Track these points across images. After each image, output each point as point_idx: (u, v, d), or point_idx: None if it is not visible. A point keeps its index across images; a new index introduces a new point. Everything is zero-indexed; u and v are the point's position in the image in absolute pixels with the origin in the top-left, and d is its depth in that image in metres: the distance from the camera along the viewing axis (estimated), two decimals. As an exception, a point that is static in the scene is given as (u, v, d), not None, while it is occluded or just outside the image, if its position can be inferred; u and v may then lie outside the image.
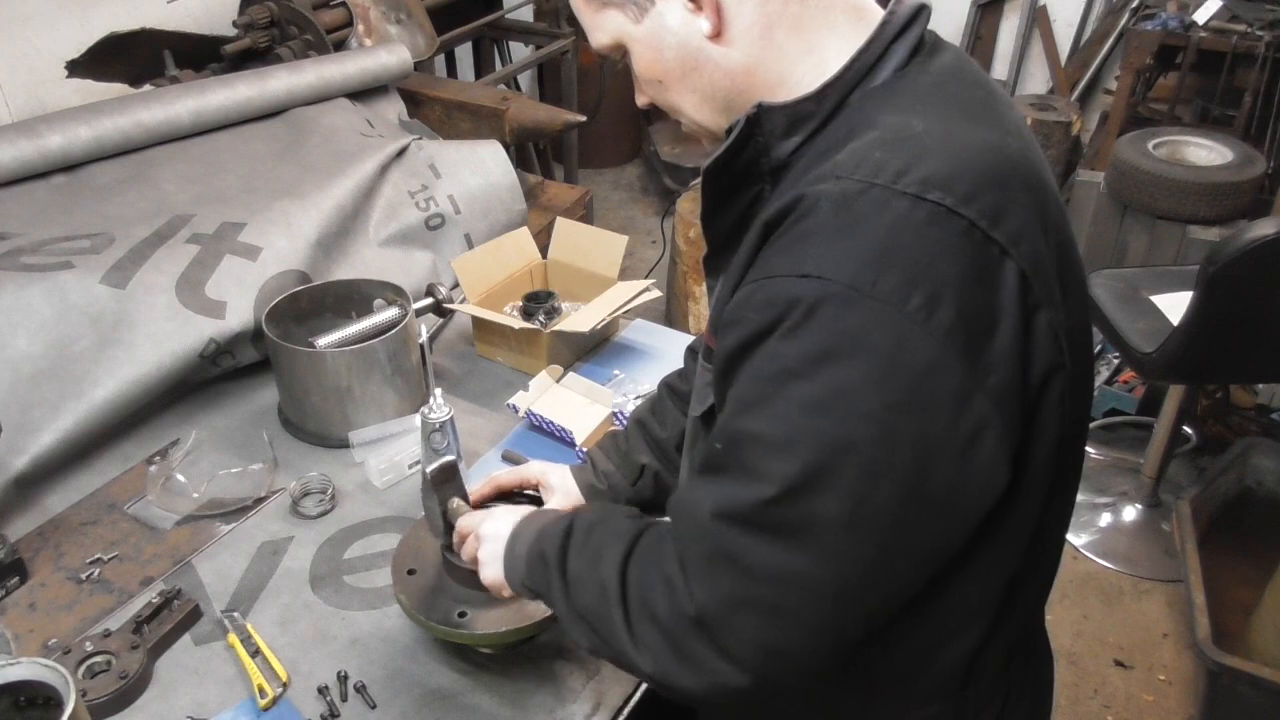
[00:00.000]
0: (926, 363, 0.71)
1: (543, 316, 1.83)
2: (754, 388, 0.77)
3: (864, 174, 0.75)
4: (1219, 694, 2.19)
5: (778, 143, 0.85)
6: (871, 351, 0.71)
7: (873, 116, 0.81)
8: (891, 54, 0.84)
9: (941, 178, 0.74)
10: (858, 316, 0.71)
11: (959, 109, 0.82)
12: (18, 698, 0.98)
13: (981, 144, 0.78)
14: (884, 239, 0.72)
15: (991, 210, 0.74)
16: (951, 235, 0.73)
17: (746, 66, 0.85)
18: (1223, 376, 2.81)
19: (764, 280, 0.76)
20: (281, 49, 2.41)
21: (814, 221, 0.75)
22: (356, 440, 1.57)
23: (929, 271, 0.72)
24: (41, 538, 1.44)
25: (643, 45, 0.87)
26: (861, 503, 0.74)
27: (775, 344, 0.75)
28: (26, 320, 1.52)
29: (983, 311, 0.73)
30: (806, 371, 0.73)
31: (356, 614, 1.32)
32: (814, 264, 0.73)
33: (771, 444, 0.75)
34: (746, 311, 0.78)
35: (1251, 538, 2.61)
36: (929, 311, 0.71)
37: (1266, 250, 1.99)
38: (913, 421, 0.72)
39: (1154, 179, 3.19)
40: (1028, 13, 4.58)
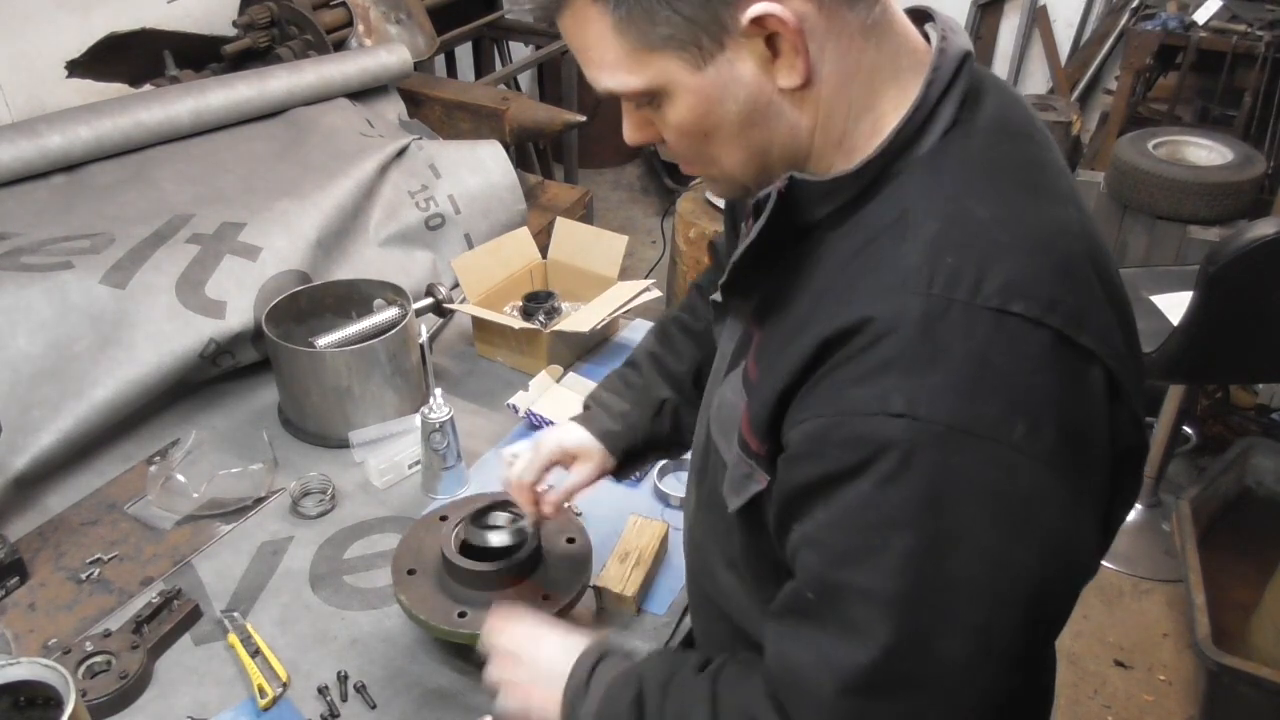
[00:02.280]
0: (1037, 489, 0.68)
1: (543, 316, 1.83)
2: (850, 537, 0.71)
3: (941, 288, 0.68)
4: (1219, 694, 2.19)
5: (813, 208, 0.78)
6: (982, 491, 0.67)
7: (925, 198, 0.73)
8: (939, 114, 0.76)
9: (1021, 282, 0.69)
10: (963, 458, 0.67)
11: (1016, 180, 0.75)
12: (18, 698, 0.98)
13: (1050, 225, 0.73)
14: (975, 366, 0.67)
15: (1075, 313, 0.70)
16: (1042, 349, 0.68)
17: (814, 124, 0.76)
18: (1223, 376, 2.81)
19: (845, 416, 0.70)
20: (281, 49, 2.41)
21: (895, 349, 0.68)
22: (356, 440, 1.57)
23: (1026, 394, 0.67)
24: (41, 538, 1.44)
25: (698, 96, 0.75)
26: (989, 637, 0.70)
27: (870, 491, 0.68)
28: (26, 320, 1.52)
29: (1081, 421, 0.70)
30: (912, 521, 0.68)
31: (356, 614, 1.32)
32: (903, 401, 0.67)
33: (884, 599, 0.69)
34: (826, 448, 0.71)
35: (1251, 538, 2.61)
36: (1033, 437, 0.67)
37: (1266, 250, 1.99)
38: (1029, 546, 0.69)
39: (1154, 179, 3.18)
40: (1028, 13, 4.58)
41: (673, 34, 0.72)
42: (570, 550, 1.26)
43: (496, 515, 1.28)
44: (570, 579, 1.23)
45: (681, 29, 0.72)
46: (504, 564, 1.20)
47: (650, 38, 0.73)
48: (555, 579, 1.22)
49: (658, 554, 1.37)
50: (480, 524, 1.24)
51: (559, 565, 1.24)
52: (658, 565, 1.38)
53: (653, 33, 0.72)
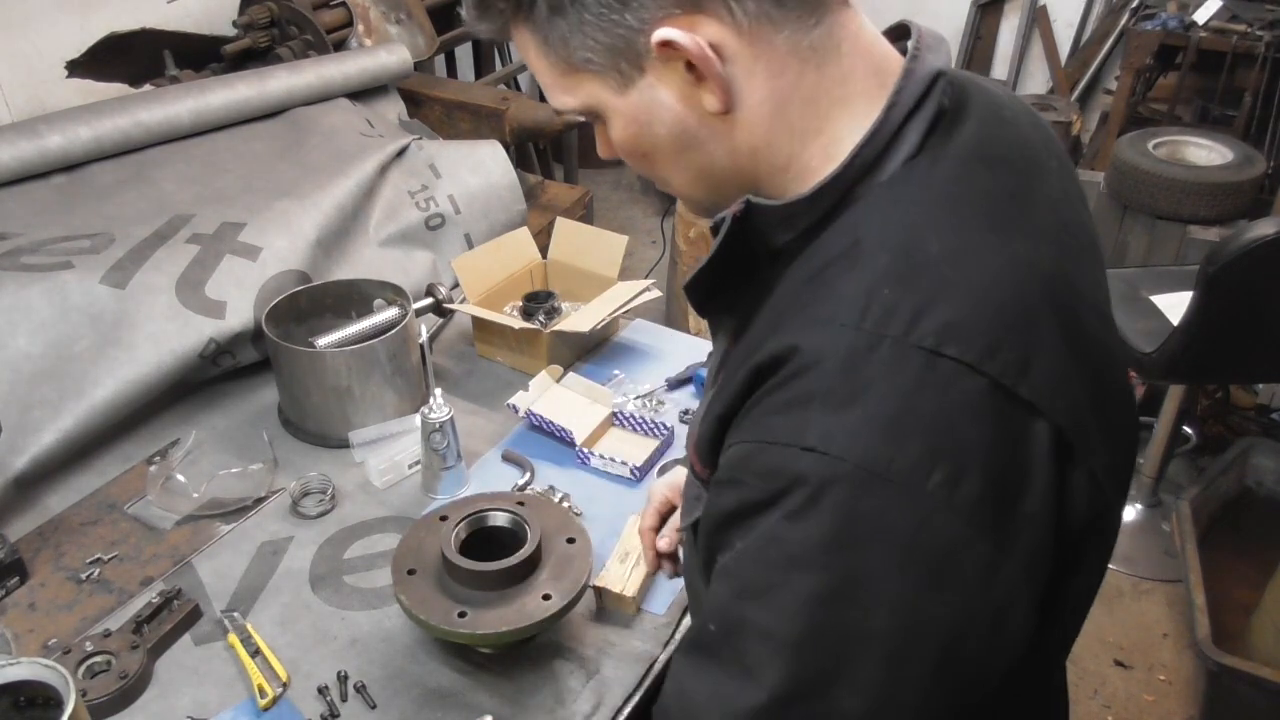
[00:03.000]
0: (951, 542, 0.64)
1: (543, 316, 1.83)
2: (754, 572, 0.68)
3: (873, 323, 0.65)
4: (1219, 694, 2.19)
5: (774, 234, 0.76)
6: (889, 537, 0.64)
7: (880, 228, 0.70)
8: (903, 139, 0.72)
9: (960, 325, 0.65)
10: (873, 501, 0.63)
11: (981, 211, 0.71)
12: (18, 698, 0.98)
13: (1008, 266, 0.68)
14: (898, 407, 0.63)
15: (1018, 363, 0.65)
16: (973, 397, 0.64)
17: (752, 147, 0.74)
18: (1223, 376, 2.81)
19: (764, 444, 0.67)
20: (281, 49, 2.41)
21: (817, 382, 0.65)
22: (356, 440, 1.57)
23: (950, 441, 0.63)
24: (41, 538, 1.44)
25: (626, 119, 0.75)
26: (886, 691, 0.66)
27: (778, 526, 0.66)
28: (26, 320, 1.52)
29: (1011, 476, 0.65)
30: (816, 561, 0.65)
31: (356, 614, 1.32)
32: (819, 437, 0.64)
33: (777, 639, 0.66)
34: (744, 475, 0.69)
35: (1251, 538, 2.61)
36: (952, 487, 0.63)
37: (1266, 250, 1.99)
38: (938, 603, 0.65)
39: (1154, 179, 3.18)
40: (1028, 13, 4.58)
41: (591, 58, 0.72)
42: (570, 550, 1.26)
43: (496, 515, 1.28)
44: (570, 579, 1.23)
45: (599, 54, 0.71)
46: (504, 564, 1.20)
47: (574, 61, 0.73)
48: (555, 579, 1.22)
49: (658, 554, 1.37)
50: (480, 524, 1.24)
51: (559, 565, 1.24)
52: (658, 565, 1.38)
53: (574, 56, 0.72)
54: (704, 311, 0.84)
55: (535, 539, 1.23)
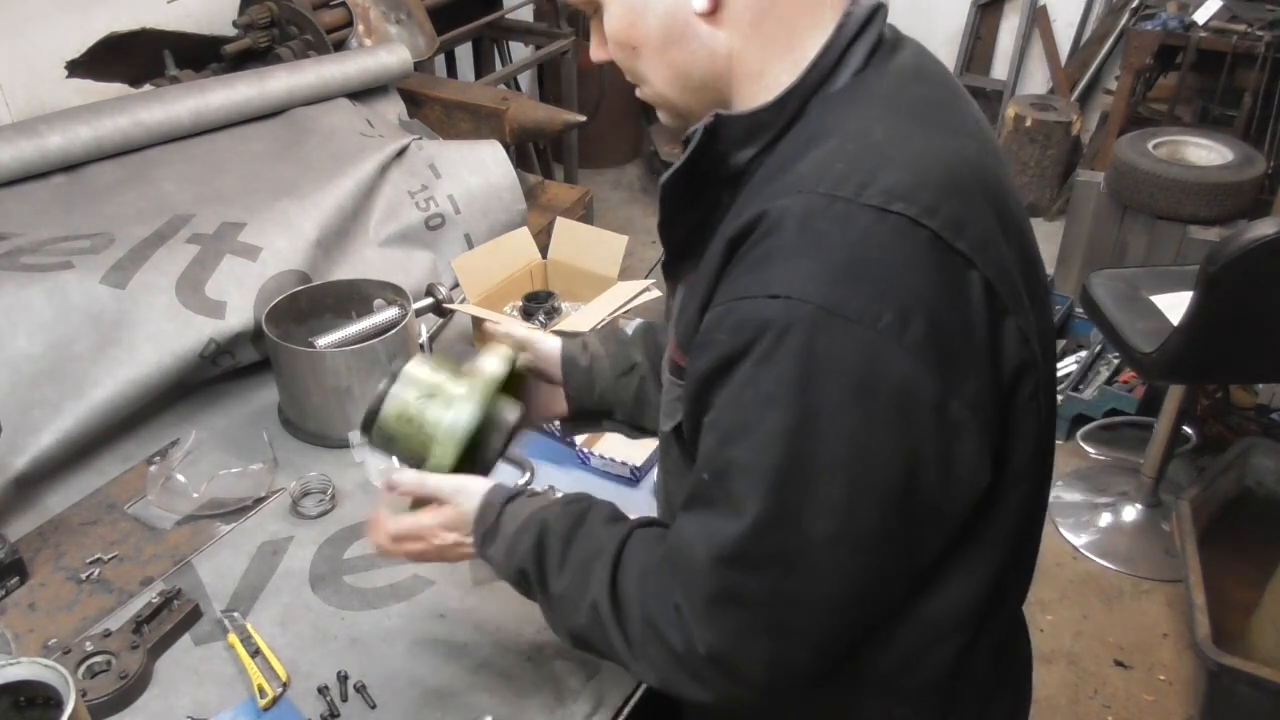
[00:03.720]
0: (902, 377, 0.72)
1: (543, 316, 1.83)
2: (734, 416, 0.77)
3: (827, 187, 0.74)
4: (1219, 694, 2.19)
5: (735, 151, 0.84)
6: (847, 372, 0.72)
7: (832, 124, 0.80)
8: (850, 56, 0.82)
9: (904, 188, 0.74)
10: (831, 339, 0.71)
11: (918, 113, 0.81)
12: (18, 698, 0.98)
13: (941, 150, 0.78)
14: (851, 255, 0.72)
15: (954, 220, 0.74)
16: (917, 247, 0.73)
17: (731, 51, 0.82)
18: (1223, 376, 2.81)
19: (734, 302, 0.76)
20: (281, 49, 2.41)
21: (780, 239, 0.74)
22: (356, 440, 1.57)
23: (898, 286, 0.72)
24: (41, 538, 1.44)
25: (623, 7, 0.84)
26: (850, 519, 0.75)
27: (750, 370, 0.75)
28: (26, 320, 1.52)
29: (954, 320, 0.74)
30: (784, 397, 0.73)
31: (356, 614, 1.32)
32: (782, 284, 0.73)
33: (757, 473, 0.75)
34: (718, 334, 0.77)
35: (1251, 538, 2.61)
36: (901, 327, 0.71)
37: (1266, 250, 1.99)
38: (893, 436, 0.73)
39: (1154, 179, 3.19)
40: (1028, 13, 4.58)
41: None
42: None
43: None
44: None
45: None
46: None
47: None
48: None
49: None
50: None
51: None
52: (658, 565, 1.37)
53: None
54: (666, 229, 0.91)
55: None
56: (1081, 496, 3.00)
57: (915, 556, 0.81)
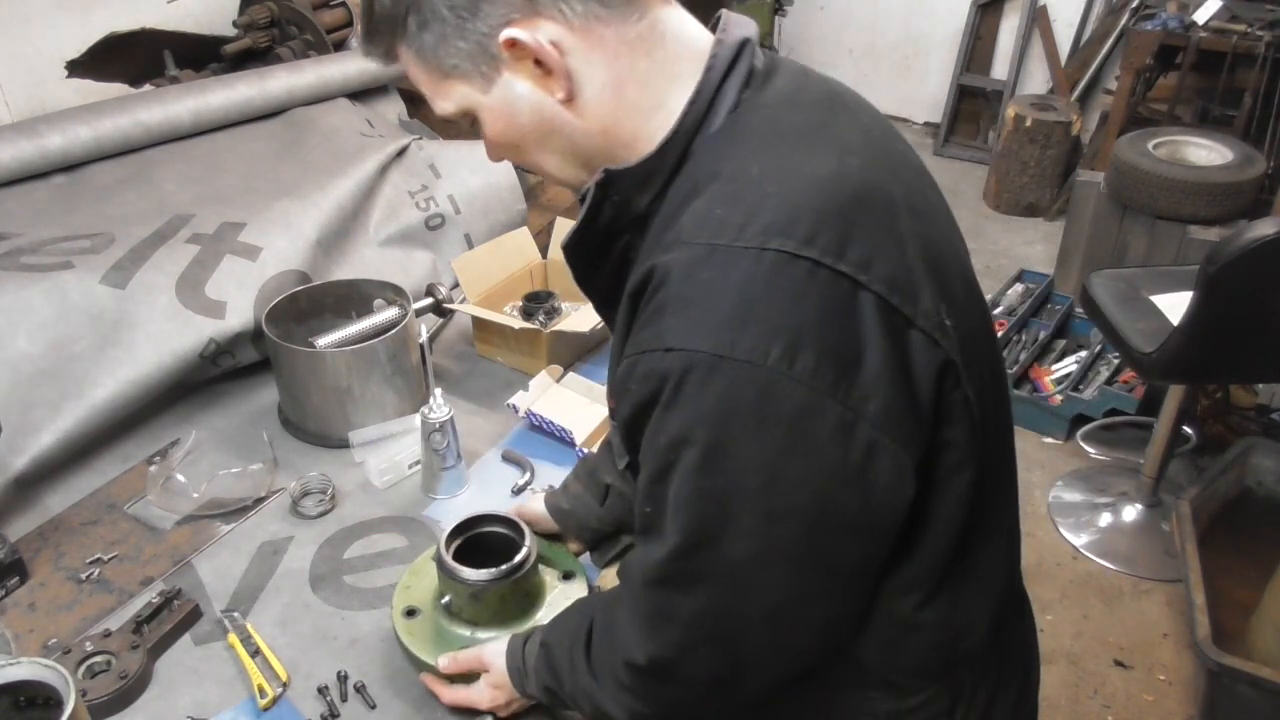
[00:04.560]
0: (797, 407, 0.75)
1: (543, 316, 1.83)
2: (653, 459, 0.82)
3: (707, 236, 0.78)
4: (1219, 694, 2.19)
5: (634, 198, 0.87)
6: (743, 409, 0.75)
7: (711, 167, 0.83)
8: (723, 95, 0.85)
9: (780, 223, 0.76)
10: (724, 380, 0.75)
11: (795, 140, 0.83)
12: (18, 698, 0.98)
13: (817, 175, 0.80)
14: (735, 299, 0.75)
15: (835, 244, 0.76)
16: (798, 279, 0.75)
17: (602, 127, 0.86)
18: (1223, 376, 2.81)
19: (637, 355, 0.80)
20: (281, 49, 2.41)
21: (667, 293, 0.78)
22: (356, 440, 1.57)
23: (783, 321, 0.75)
24: (41, 538, 1.44)
25: (494, 113, 0.87)
26: (768, 540, 0.80)
27: (659, 418, 0.80)
28: (26, 320, 1.52)
29: (845, 345, 0.76)
30: (689, 438, 0.78)
31: (356, 614, 1.32)
32: (674, 336, 0.77)
33: (676, 504, 0.81)
34: (629, 384, 0.82)
35: (1251, 538, 2.61)
36: (790, 359, 0.74)
37: (1266, 250, 1.99)
38: (799, 462, 0.77)
39: (1154, 179, 3.19)
40: (1028, 13, 4.58)
41: (457, 64, 0.85)
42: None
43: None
44: None
45: (462, 59, 0.84)
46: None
47: (444, 67, 0.85)
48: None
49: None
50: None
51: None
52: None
53: (444, 64, 0.85)
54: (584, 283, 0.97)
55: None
56: (1081, 496, 3.00)
57: (852, 570, 0.84)
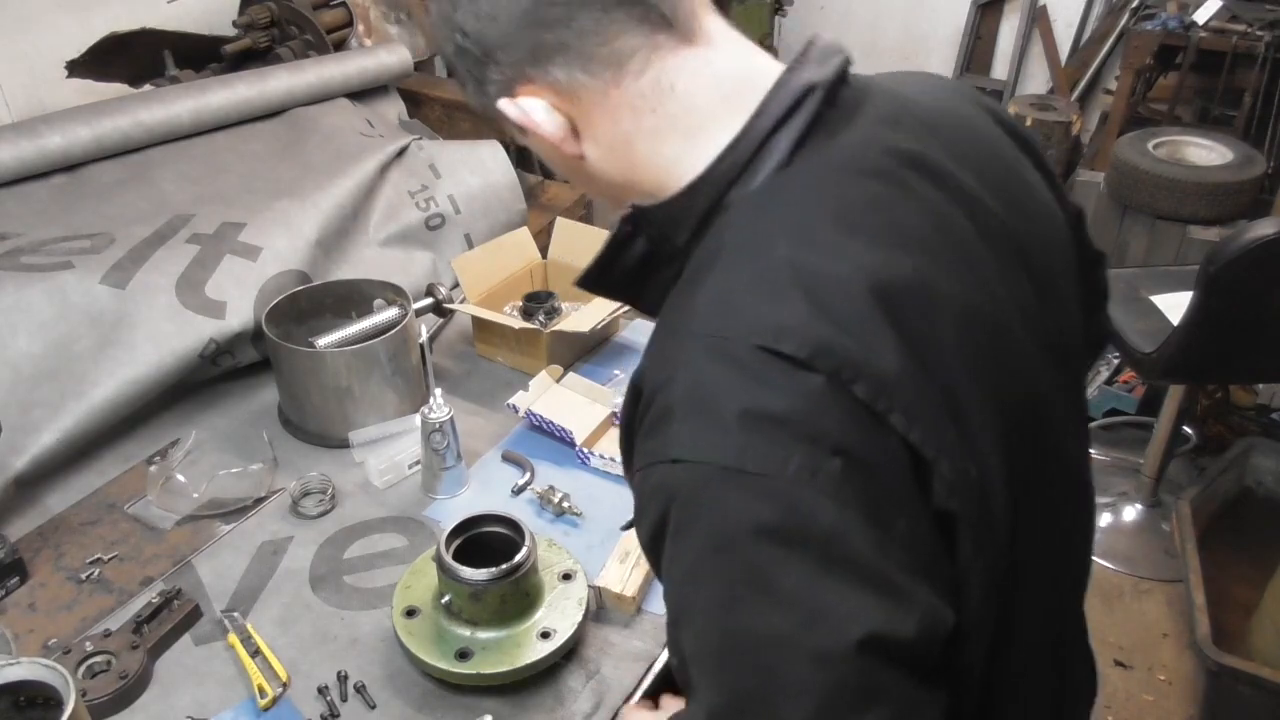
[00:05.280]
0: (829, 523, 0.64)
1: (543, 316, 1.83)
2: (672, 601, 0.71)
3: (716, 327, 0.69)
4: (1219, 694, 2.19)
5: (672, 233, 0.81)
6: (766, 531, 0.64)
7: (738, 233, 0.74)
8: (771, 148, 0.75)
9: (795, 326, 0.67)
10: (740, 496, 0.65)
11: (839, 219, 0.73)
12: (18, 698, 0.98)
13: (852, 272, 0.70)
14: (746, 403, 0.66)
15: (851, 362, 0.66)
16: (815, 389, 0.66)
17: (622, 181, 0.83)
18: (1223, 376, 2.81)
19: (645, 468, 0.70)
20: (281, 49, 2.40)
21: (672, 394, 0.69)
22: (356, 440, 1.57)
23: (801, 429, 0.65)
24: (41, 538, 1.44)
25: (535, 147, 0.87)
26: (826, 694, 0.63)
27: (671, 548, 0.68)
28: (26, 320, 1.52)
29: (868, 454, 0.66)
30: (705, 572, 0.66)
31: (356, 614, 1.32)
32: (680, 446, 0.67)
33: (701, 661, 0.68)
34: (642, 501, 0.72)
35: (1251, 538, 2.61)
36: (812, 470, 0.64)
37: (1266, 250, 1.99)
38: (839, 588, 0.64)
39: (1154, 179, 3.18)
40: (1028, 13, 4.58)
41: (492, 117, 0.85)
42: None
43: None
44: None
45: (490, 111, 0.84)
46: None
47: (487, 110, 0.85)
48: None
49: (658, 554, 1.37)
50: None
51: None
52: (658, 565, 1.38)
53: (486, 111, 0.85)
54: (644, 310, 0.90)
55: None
56: (1081, 496, 2.99)
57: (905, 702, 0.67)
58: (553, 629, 1.23)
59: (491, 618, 1.21)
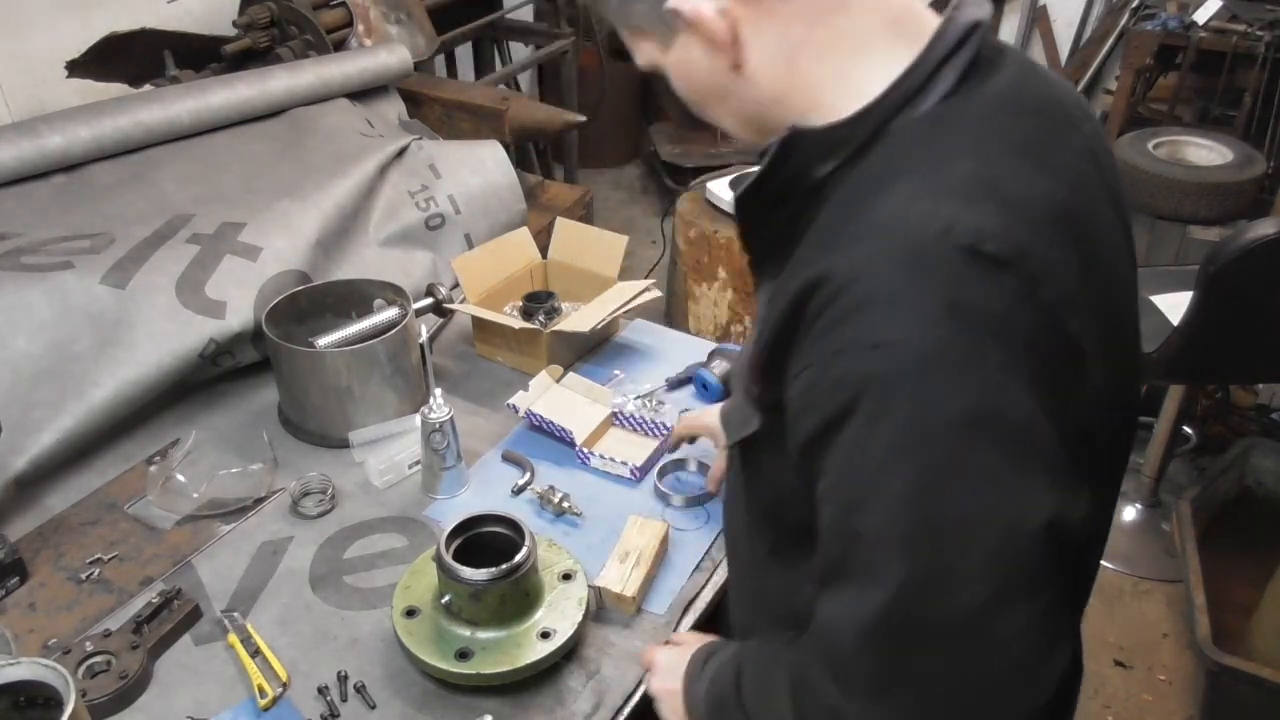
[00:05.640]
0: (1021, 417, 0.68)
1: (543, 316, 1.83)
2: (852, 484, 0.72)
3: (914, 228, 0.71)
4: (1219, 694, 2.19)
5: (815, 164, 0.81)
6: (966, 418, 0.67)
7: (916, 154, 0.76)
8: (939, 79, 0.78)
9: (992, 230, 0.70)
10: (943, 386, 0.67)
11: (1008, 146, 0.77)
12: (18, 698, 0.98)
13: (1028, 191, 0.74)
14: (949, 297, 0.68)
15: (1042, 267, 0.71)
16: (1011, 287, 0.69)
17: (775, 95, 0.82)
18: (1223, 376, 2.81)
19: (829, 358, 0.71)
20: (281, 49, 2.41)
21: (870, 286, 0.70)
22: (356, 440, 1.57)
23: (999, 325, 0.68)
24: (41, 538, 1.44)
25: (674, 72, 0.87)
26: (1003, 574, 0.68)
27: (859, 432, 0.70)
28: (26, 320, 1.52)
29: (1052, 355, 0.71)
30: (902, 456, 0.68)
31: (356, 614, 1.32)
32: (881, 333, 0.68)
33: (888, 540, 0.69)
34: (817, 396, 0.73)
35: (1251, 538, 2.61)
36: (1012, 365, 0.68)
37: (1266, 250, 1.99)
38: (1021, 476, 0.68)
39: (1154, 179, 3.18)
40: (1028, 13, 4.58)
41: (640, 24, 0.85)
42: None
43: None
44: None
45: (643, 19, 0.84)
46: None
47: (630, 25, 0.86)
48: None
49: (658, 554, 1.37)
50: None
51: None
52: (658, 565, 1.38)
53: (629, 21, 0.86)
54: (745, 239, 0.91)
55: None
56: (1081, 496, 2.99)
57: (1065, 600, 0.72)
58: (553, 629, 1.23)
59: (491, 618, 1.21)
